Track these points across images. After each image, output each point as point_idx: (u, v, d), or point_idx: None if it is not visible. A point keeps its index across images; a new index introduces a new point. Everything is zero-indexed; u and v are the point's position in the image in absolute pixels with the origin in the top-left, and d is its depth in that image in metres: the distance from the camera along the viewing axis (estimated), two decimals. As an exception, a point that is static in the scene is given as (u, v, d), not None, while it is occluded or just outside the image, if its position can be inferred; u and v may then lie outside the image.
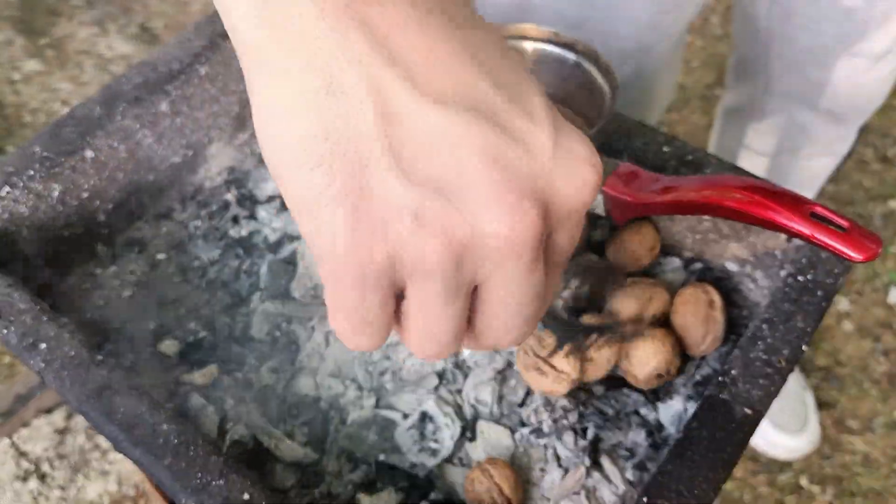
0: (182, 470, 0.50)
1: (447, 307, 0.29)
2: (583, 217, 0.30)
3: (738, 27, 1.01)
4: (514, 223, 0.26)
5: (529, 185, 0.27)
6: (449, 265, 0.27)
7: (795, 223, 0.44)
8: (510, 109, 0.27)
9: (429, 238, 0.26)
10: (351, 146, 0.26)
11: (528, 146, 0.27)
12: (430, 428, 0.61)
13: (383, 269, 0.27)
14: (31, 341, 0.57)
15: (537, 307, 0.31)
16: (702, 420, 0.51)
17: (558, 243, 0.30)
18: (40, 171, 0.69)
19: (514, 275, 0.28)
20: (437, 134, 0.26)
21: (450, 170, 0.26)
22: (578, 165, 0.28)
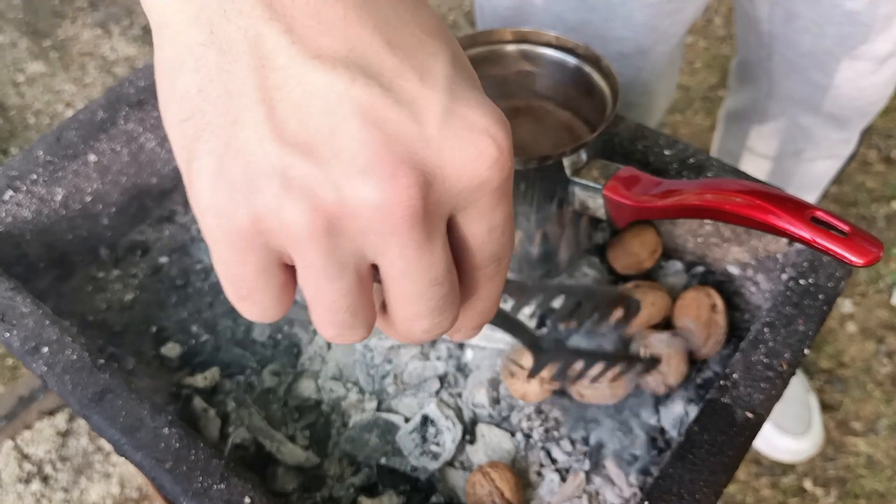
0: (183, 474, 0.50)
1: (332, 282, 0.27)
2: (498, 200, 0.27)
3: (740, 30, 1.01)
4: (384, 190, 0.24)
5: (408, 152, 0.25)
6: (318, 234, 0.25)
7: (796, 228, 0.44)
8: (401, 71, 0.25)
9: (292, 201, 0.24)
10: (222, 100, 0.25)
11: (415, 111, 0.25)
12: (432, 431, 0.61)
13: (251, 233, 0.26)
14: (33, 345, 0.57)
15: (442, 294, 0.28)
16: (703, 424, 0.51)
17: (471, 231, 0.28)
18: (43, 176, 0.70)
19: (401, 253, 0.26)
20: (315, 92, 0.24)
21: (324, 130, 0.24)
22: (473, 135, 0.25)
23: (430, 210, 0.25)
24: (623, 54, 0.83)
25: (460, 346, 0.65)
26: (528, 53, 0.63)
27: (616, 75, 0.58)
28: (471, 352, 0.65)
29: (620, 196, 0.54)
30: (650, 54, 0.85)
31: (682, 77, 1.93)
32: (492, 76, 0.64)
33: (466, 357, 0.65)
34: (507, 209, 0.28)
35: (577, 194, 0.57)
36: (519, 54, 0.63)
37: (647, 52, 0.84)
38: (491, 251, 0.29)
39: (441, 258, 0.27)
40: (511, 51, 0.63)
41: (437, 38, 0.27)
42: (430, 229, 0.26)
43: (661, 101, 0.99)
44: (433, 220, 0.26)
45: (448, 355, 0.65)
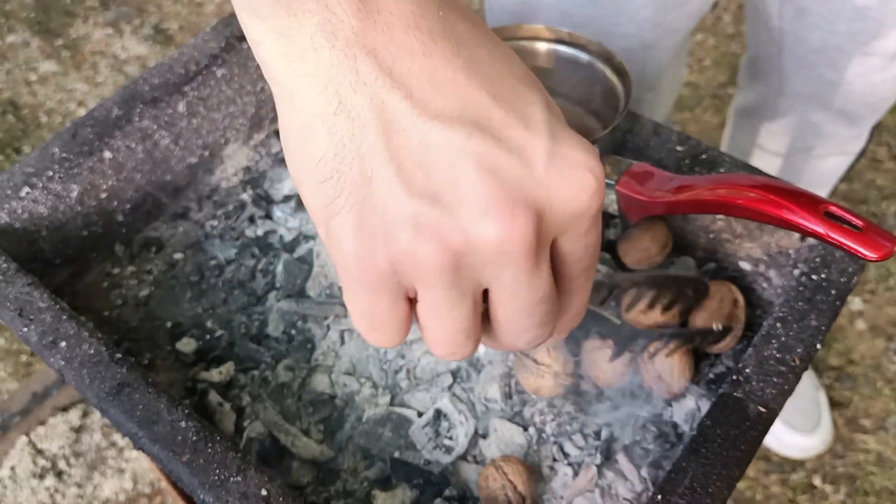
0: (200, 466, 0.51)
1: (453, 310, 0.31)
2: (594, 222, 0.31)
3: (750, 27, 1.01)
4: (505, 229, 0.28)
5: (522, 194, 0.28)
6: (447, 270, 0.29)
7: (810, 222, 0.44)
8: (507, 121, 0.29)
9: (425, 245, 0.28)
10: (356, 162, 0.28)
11: (524, 156, 0.29)
12: (445, 425, 0.61)
13: (387, 274, 0.29)
14: (50, 339, 0.58)
15: (546, 310, 0.32)
16: (716, 418, 0.51)
17: (569, 249, 0.32)
18: (59, 172, 0.70)
19: (514, 279, 0.30)
20: (436, 148, 0.28)
21: (447, 181, 0.28)
22: (575, 171, 0.29)
23: (541, 240, 0.30)
24: (628, 50, 0.83)
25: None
26: (540, 50, 0.63)
27: (629, 72, 0.59)
28: (483, 347, 0.65)
29: (633, 191, 0.54)
30: (655, 49, 0.85)
31: (692, 74, 1.92)
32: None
33: (479, 352, 0.65)
34: (599, 227, 0.32)
35: (590, 190, 0.57)
36: (532, 51, 0.63)
37: (652, 48, 0.84)
38: (584, 265, 0.33)
39: (547, 280, 0.31)
40: (523, 47, 0.64)
41: (531, 87, 0.30)
42: (539, 256, 0.30)
43: (667, 96, 0.99)
44: (542, 248, 0.30)
45: (461, 350, 0.65)
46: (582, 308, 0.36)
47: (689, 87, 1.90)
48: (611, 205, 0.58)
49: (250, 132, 0.84)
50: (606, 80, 0.60)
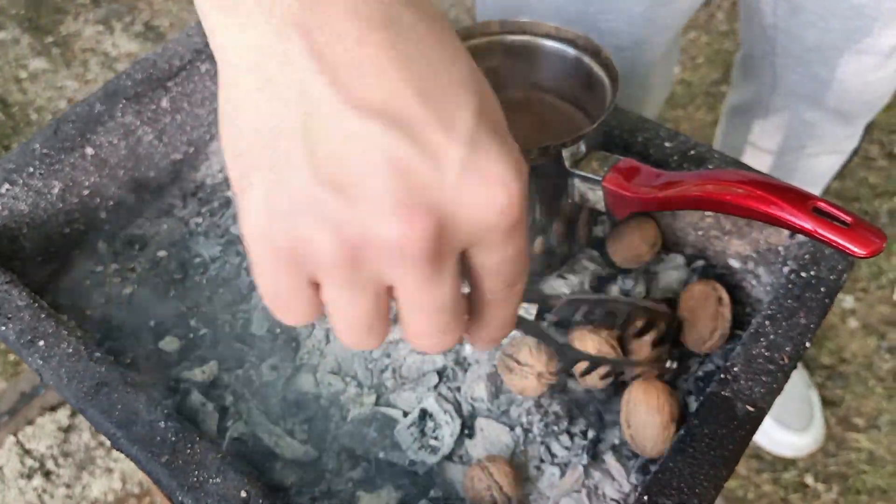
0: (179, 468, 0.50)
1: (352, 303, 0.31)
2: (508, 238, 0.30)
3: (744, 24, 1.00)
4: (402, 231, 0.28)
5: (426, 198, 0.28)
6: (344, 263, 0.29)
7: (798, 218, 0.44)
8: (428, 122, 0.28)
9: (323, 235, 0.28)
10: (274, 140, 0.28)
11: (437, 160, 0.28)
12: (430, 425, 0.61)
13: (288, 255, 0.29)
14: (29, 338, 0.57)
15: (446, 319, 0.32)
16: (703, 417, 0.51)
17: (483, 262, 0.31)
18: (40, 169, 0.69)
19: (414, 282, 0.30)
20: (352, 139, 0.28)
21: (356, 174, 0.28)
22: (487, 184, 0.29)
23: (443, 248, 0.29)
24: (619, 47, 0.83)
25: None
26: (527, 44, 0.62)
27: (616, 66, 0.58)
28: (469, 346, 0.64)
29: (620, 187, 0.53)
30: (646, 46, 0.84)
31: (685, 72, 1.92)
32: (490, 68, 0.64)
33: (465, 351, 0.64)
34: (517, 244, 0.31)
35: (577, 186, 0.57)
36: (518, 45, 0.63)
37: (643, 44, 0.84)
38: (503, 279, 0.32)
39: (448, 289, 0.31)
40: (509, 42, 0.63)
41: (466, 90, 0.29)
42: (440, 264, 0.29)
43: (657, 93, 0.99)
44: (444, 257, 0.30)
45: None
46: (505, 322, 0.35)
47: (681, 85, 1.90)
48: (598, 201, 0.57)
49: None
50: (594, 75, 0.60)
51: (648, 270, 0.68)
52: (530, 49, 0.63)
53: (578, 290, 0.66)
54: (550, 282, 0.66)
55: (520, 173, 0.30)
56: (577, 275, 0.67)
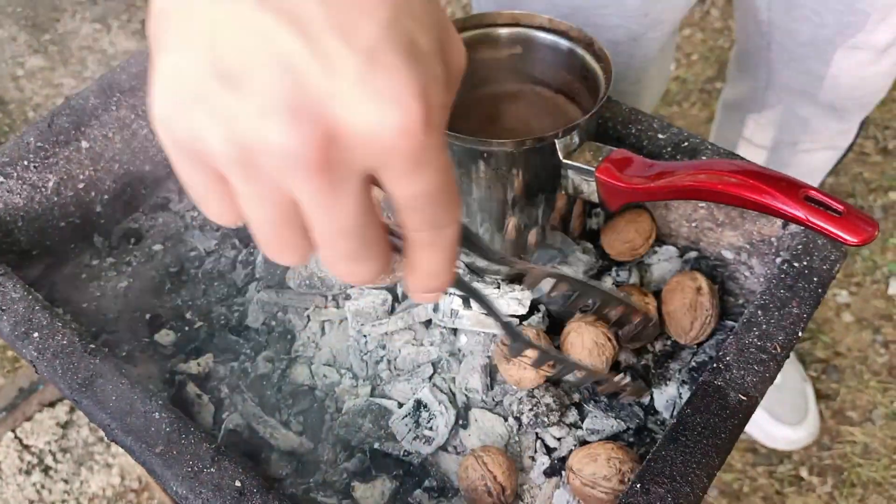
0: (173, 458, 0.50)
1: (258, 205, 0.29)
2: (414, 166, 0.28)
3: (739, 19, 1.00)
4: (286, 135, 0.26)
5: (315, 104, 0.26)
6: (234, 161, 0.27)
7: (790, 207, 0.44)
8: (329, 27, 0.27)
9: (213, 127, 0.27)
10: (181, 22, 0.27)
11: (332, 66, 0.26)
12: (425, 416, 0.61)
13: (189, 148, 0.28)
14: (23, 330, 0.57)
15: (352, 247, 0.30)
16: (696, 406, 0.51)
17: (394, 192, 0.29)
18: (35, 162, 0.69)
19: (309, 196, 0.28)
20: (249, 30, 0.26)
21: (250, 68, 0.26)
22: (382, 101, 0.27)
23: (334, 163, 0.27)
24: (615, 42, 0.83)
25: (454, 332, 0.65)
26: (520, 36, 0.63)
27: (609, 57, 0.58)
28: (464, 337, 0.64)
29: (613, 178, 0.53)
30: (642, 41, 0.84)
31: (679, 69, 1.92)
32: (484, 59, 0.64)
33: (460, 342, 0.65)
34: (431, 178, 0.29)
35: (570, 177, 0.57)
36: (511, 37, 0.63)
37: (639, 39, 0.84)
38: (422, 217, 0.30)
39: (349, 211, 0.29)
40: (503, 34, 0.63)
41: (382, 6, 0.27)
42: (333, 180, 0.28)
43: (653, 89, 0.99)
44: (338, 173, 0.28)
45: (441, 340, 0.64)
46: (434, 270, 0.33)
47: (676, 82, 1.90)
48: (592, 193, 0.58)
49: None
50: (587, 67, 0.60)
51: (642, 262, 0.69)
52: (524, 41, 0.63)
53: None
54: (544, 273, 0.67)
55: (423, 98, 0.27)
56: (571, 266, 0.67)
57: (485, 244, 0.47)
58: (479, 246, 0.45)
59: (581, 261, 0.68)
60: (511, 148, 0.55)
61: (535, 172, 0.57)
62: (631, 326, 0.60)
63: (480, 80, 0.65)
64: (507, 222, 0.61)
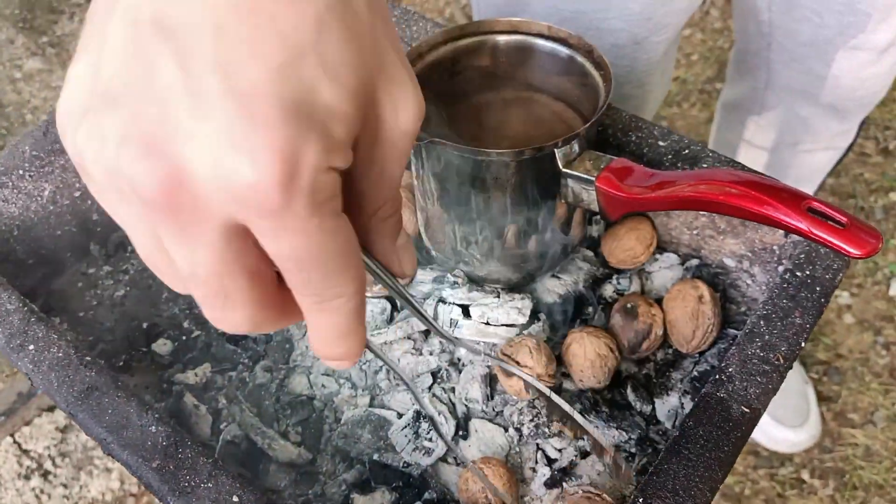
0: (170, 472, 0.50)
1: (130, 229, 0.28)
2: (281, 228, 0.26)
3: (738, 20, 1.00)
4: (137, 167, 0.25)
5: (171, 141, 0.25)
6: (103, 179, 0.26)
7: (792, 219, 0.44)
8: (213, 64, 0.24)
9: (88, 142, 0.26)
10: (89, 34, 0.26)
11: (200, 106, 0.24)
12: (425, 427, 0.60)
13: (75, 158, 0.27)
14: (18, 343, 0.57)
15: (209, 293, 0.28)
16: (698, 418, 0.50)
17: (267, 248, 0.27)
18: (30, 171, 0.69)
19: (162, 231, 0.26)
20: (138, 53, 0.25)
21: (126, 91, 0.25)
22: (235, 154, 0.24)
23: (184, 204, 0.25)
24: (617, 46, 0.82)
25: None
26: (519, 44, 0.62)
27: (609, 65, 0.57)
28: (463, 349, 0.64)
29: (613, 188, 0.53)
30: (645, 45, 0.84)
31: (679, 70, 1.92)
32: (482, 67, 0.63)
33: (460, 352, 0.64)
34: (297, 245, 0.26)
35: (570, 186, 0.56)
36: (510, 45, 0.62)
37: (642, 43, 0.83)
38: (299, 282, 0.28)
39: (202, 257, 0.27)
40: (502, 41, 0.62)
41: (281, 39, 0.25)
42: (182, 222, 0.26)
43: (656, 93, 0.98)
44: (189, 215, 0.25)
45: (441, 350, 0.64)
46: (323, 338, 0.30)
47: (676, 83, 1.89)
48: (592, 202, 0.57)
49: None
50: (587, 74, 0.59)
51: (643, 270, 0.68)
52: (523, 48, 0.62)
53: (573, 290, 0.66)
54: (545, 282, 0.66)
55: (286, 159, 0.24)
56: (571, 275, 0.67)
57: (438, 325, 0.46)
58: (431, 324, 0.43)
59: (581, 269, 0.67)
60: (510, 158, 0.54)
61: (534, 181, 0.57)
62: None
63: (478, 88, 0.64)
64: (506, 230, 0.60)
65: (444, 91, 0.63)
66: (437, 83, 0.62)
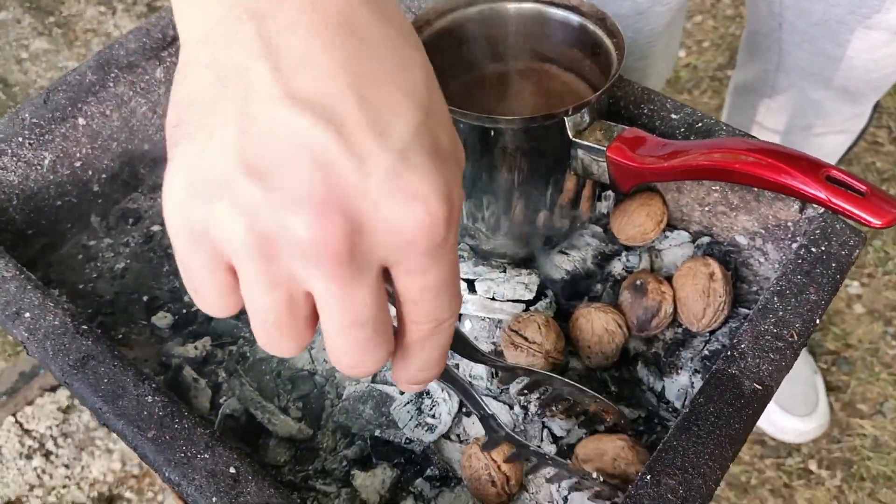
0: (166, 443, 0.48)
1: (263, 295, 0.29)
2: (430, 262, 0.29)
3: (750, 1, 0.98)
4: (312, 228, 0.27)
5: (344, 199, 0.27)
6: (252, 249, 0.28)
7: (811, 187, 0.42)
8: (361, 125, 0.27)
9: (235, 217, 0.28)
10: (207, 116, 0.28)
11: (363, 164, 0.27)
12: (428, 403, 0.59)
13: (201, 234, 0.29)
14: (14, 310, 0.55)
15: (364, 337, 0.30)
16: (709, 395, 0.49)
17: (404, 285, 0.30)
18: (30, 139, 0.68)
19: (326, 288, 0.29)
20: (280, 126, 0.27)
21: (279, 162, 0.27)
22: (409, 200, 0.28)
23: (356, 255, 0.28)
24: (620, 16, 0.81)
25: (458, 317, 0.63)
26: (529, 12, 0.60)
27: (622, 32, 0.56)
28: (469, 322, 0.62)
29: (625, 157, 0.51)
30: (648, 15, 0.82)
31: (690, 56, 1.89)
32: (492, 36, 0.62)
33: (464, 327, 0.63)
34: (442, 273, 0.30)
35: (580, 157, 0.55)
36: (520, 13, 0.61)
37: (645, 13, 0.82)
38: (426, 310, 0.31)
39: (365, 302, 0.29)
40: (512, 10, 0.61)
41: (410, 101, 0.29)
42: (353, 272, 0.28)
43: (659, 67, 0.97)
44: (359, 265, 0.28)
45: (445, 326, 0.63)
46: (428, 364, 0.34)
47: (687, 69, 1.87)
48: (602, 174, 0.56)
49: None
50: (598, 43, 0.58)
51: (653, 247, 0.67)
52: (533, 17, 0.61)
53: (581, 266, 0.64)
54: (552, 257, 0.65)
55: (447, 198, 0.29)
56: (580, 251, 0.65)
57: (471, 342, 0.48)
58: (465, 343, 0.47)
59: (589, 245, 0.66)
60: (520, 125, 0.53)
61: (543, 152, 0.55)
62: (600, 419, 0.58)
63: (488, 58, 0.63)
64: (513, 204, 0.59)
65: (451, 60, 0.62)
66: (445, 52, 0.61)
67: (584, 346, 0.59)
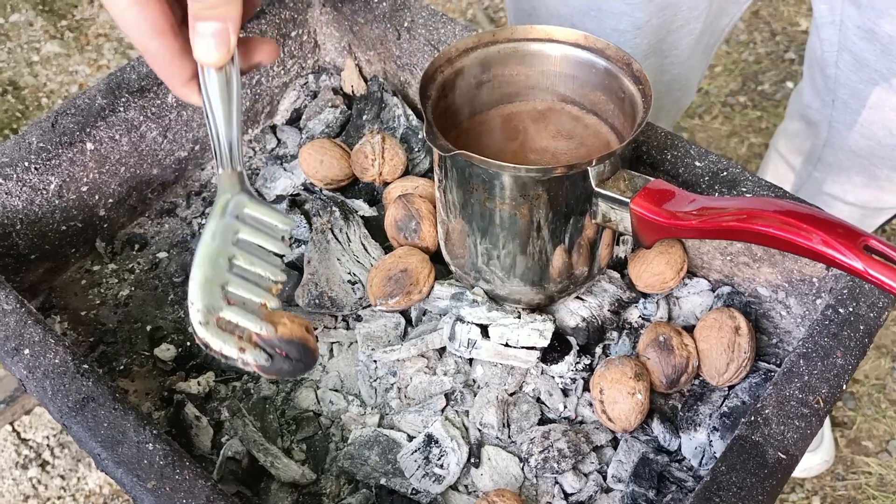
0: (166, 495, 0.47)
1: None
2: None
3: (808, 69, 0.93)
4: None
5: None
6: None
7: (847, 258, 0.40)
8: None
9: None
10: None
11: None
12: (436, 452, 0.57)
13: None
14: (13, 346, 0.54)
15: None
16: (731, 463, 0.47)
17: None
18: (36, 163, 0.66)
19: None
20: None
21: None
22: None
23: None
24: (618, 31, 0.80)
25: (469, 362, 0.61)
26: (553, 53, 0.59)
27: (648, 79, 0.54)
28: (481, 368, 0.61)
29: (650, 212, 0.50)
30: (646, 30, 0.80)
31: (702, 81, 1.88)
32: (514, 76, 0.60)
33: (476, 373, 0.61)
34: None
35: (602, 207, 0.53)
36: (543, 54, 0.59)
37: (643, 28, 0.80)
38: None
39: None
40: (535, 49, 0.59)
41: None
42: None
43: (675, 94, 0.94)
44: None
45: (456, 370, 0.61)
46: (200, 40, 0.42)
47: (698, 95, 1.86)
48: (621, 222, 0.54)
49: (244, 127, 0.80)
50: (623, 88, 0.56)
51: (671, 294, 0.65)
52: (557, 58, 0.59)
53: (597, 314, 0.63)
54: (568, 304, 0.63)
55: None
56: (596, 297, 0.63)
57: None
58: None
59: (606, 292, 0.64)
60: (540, 174, 0.51)
61: (564, 199, 0.54)
62: None
63: (509, 97, 0.61)
64: (530, 248, 0.57)
65: (471, 98, 0.60)
66: (465, 90, 0.59)
67: (606, 417, 0.57)
